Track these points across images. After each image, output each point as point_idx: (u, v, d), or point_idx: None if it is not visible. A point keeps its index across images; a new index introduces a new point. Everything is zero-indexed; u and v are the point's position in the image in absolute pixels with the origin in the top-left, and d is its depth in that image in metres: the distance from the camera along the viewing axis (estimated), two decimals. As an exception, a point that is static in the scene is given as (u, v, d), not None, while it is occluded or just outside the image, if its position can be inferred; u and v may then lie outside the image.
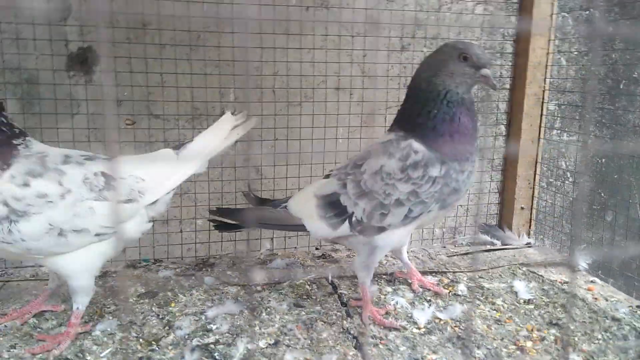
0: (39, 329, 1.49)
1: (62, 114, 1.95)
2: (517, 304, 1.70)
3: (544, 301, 1.72)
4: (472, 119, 1.45)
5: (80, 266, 1.38)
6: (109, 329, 1.49)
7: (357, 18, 2.24)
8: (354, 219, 1.49)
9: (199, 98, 2.08)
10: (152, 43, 1.98)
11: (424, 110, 1.44)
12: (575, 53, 2.86)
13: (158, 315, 1.59)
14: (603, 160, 3.12)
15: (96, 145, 1.98)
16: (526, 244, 2.22)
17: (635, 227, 2.77)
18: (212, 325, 1.53)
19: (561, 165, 2.88)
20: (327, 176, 1.64)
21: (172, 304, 1.65)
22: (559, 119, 2.78)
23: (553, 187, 2.91)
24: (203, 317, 1.57)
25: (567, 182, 3.03)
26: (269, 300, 1.68)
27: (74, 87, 1.96)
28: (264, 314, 1.60)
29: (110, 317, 1.55)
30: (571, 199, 2.93)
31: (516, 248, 2.19)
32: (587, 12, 2.90)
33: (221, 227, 1.72)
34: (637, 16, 2.90)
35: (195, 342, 1.44)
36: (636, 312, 1.64)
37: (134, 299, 1.68)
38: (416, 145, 1.44)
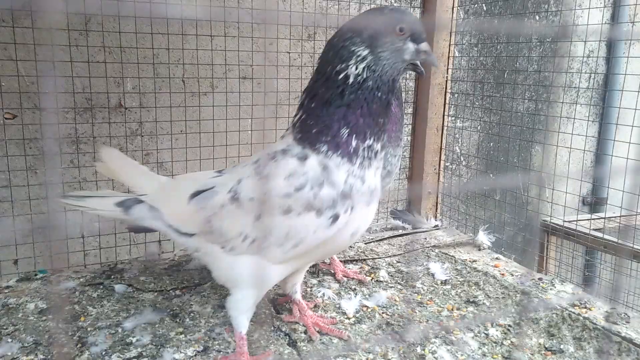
0: None
1: None
2: (435, 286, 1.77)
3: (459, 281, 1.81)
4: (401, 108, 1.49)
5: None
6: (9, 353, 1.31)
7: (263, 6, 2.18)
8: None
9: (93, 88, 1.90)
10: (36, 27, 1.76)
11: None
12: (466, 44, 3.04)
13: (67, 332, 1.42)
14: (491, 144, 3.38)
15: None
16: (434, 227, 2.32)
17: (518, 204, 3.05)
18: (131, 338, 1.40)
19: (455, 150, 3.06)
20: None
21: (82, 318, 1.49)
22: (452, 106, 2.94)
23: (449, 171, 3.09)
24: (120, 330, 1.44)
25: (461, 165, 3.25)
26: (191, 305, 1.59)
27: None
28: (187, 320, 1.51)
29: (10, 340, 1.37)
30: (465, 181, 3.14)
31: (426, 231, 2.28)
32: (476, 6, 3.10)
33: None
34: (518, 11, 3.15)
35: (114, 357, 1.32)
36: (539, 284, 1.79)
37: (35, 316, 1.50)
38: None
